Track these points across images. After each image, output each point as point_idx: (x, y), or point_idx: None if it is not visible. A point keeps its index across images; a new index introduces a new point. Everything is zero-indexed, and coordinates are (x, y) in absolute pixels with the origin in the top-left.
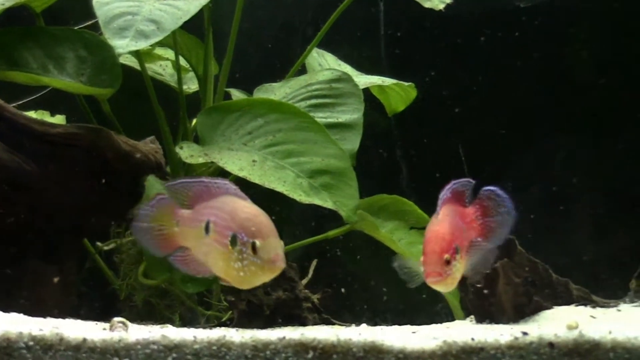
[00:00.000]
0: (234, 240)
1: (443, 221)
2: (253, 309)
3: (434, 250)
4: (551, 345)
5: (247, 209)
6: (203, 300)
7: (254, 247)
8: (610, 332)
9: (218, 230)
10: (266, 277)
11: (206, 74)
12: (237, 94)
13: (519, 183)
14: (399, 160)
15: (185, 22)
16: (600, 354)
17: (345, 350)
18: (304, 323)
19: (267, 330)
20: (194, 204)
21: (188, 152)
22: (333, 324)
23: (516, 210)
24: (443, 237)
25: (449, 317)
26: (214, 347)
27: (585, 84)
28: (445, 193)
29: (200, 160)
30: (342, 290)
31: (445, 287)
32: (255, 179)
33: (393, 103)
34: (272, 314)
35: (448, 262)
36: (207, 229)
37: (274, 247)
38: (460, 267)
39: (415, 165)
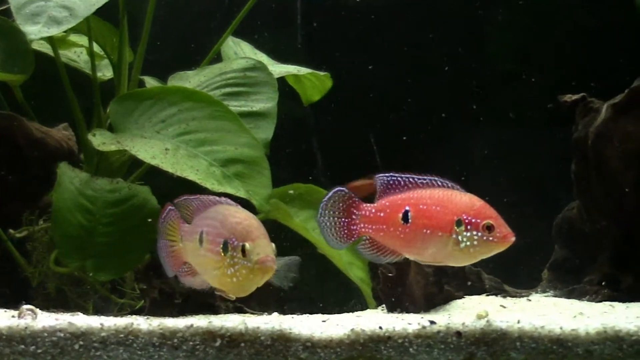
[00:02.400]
0: (225, 247)
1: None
2: (165, 297)
3: (496, 213)
4: (458, 334)
5: (237, 214)
6: (117, 289)
7: (243, 250)
8: (518, 322)
9: (210, 239)
10: (258, 279)
11: (120, 61)
12: (151, 82)
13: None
14: (314, 149)
15: (100, 9)
16: (507, 343)
17: (253, 338)
18: (216, 311)
19: (175, 319)
20: (193, 219)
21: (100, 140)
22: (245, 312)
23: None
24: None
25: (365, 306)
26: (122, 335)
27: (502, 75)
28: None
29: (113, 147)
30: None
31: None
32: (167, 167)
33: (309, 92)
34: (184, 302)
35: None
36: (201, 241)
37: (263, 249)
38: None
39: (331, 154)
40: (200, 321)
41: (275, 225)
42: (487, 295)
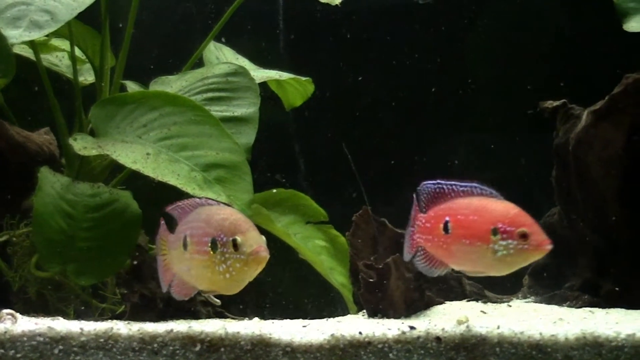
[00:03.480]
0: (214, 245)
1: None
2: (146, 301)
3: (533, 220)
4: (438, 339)
5: (221, 211)
6: (98, 293)
7: (235, 244)
8: (498, 327)
9: (195, 240)
10: (252, 271)
11: (102, 65)
12: (132, 86)
13: (414, 178)
14: (296, 154)
15: (82, 13)
16: (486, 348)
17: (233, 343)
18: (197, 316)
19: (155, 323)
20: (177, 227)
21: (81, 144)
22: (226, 317)
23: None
24: None
25: (346, 311)
26: (101, 340)
27: (481, 80)
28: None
29: (94, 152)
30: None
31: None
32: (148, 171)
33: (291, 98)
34: (165, 307)
35: None
36: (185, 246)
37: (255, 240)
38: None
39: (313, 160)
40: (180, 326)
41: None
42: (468, 300)
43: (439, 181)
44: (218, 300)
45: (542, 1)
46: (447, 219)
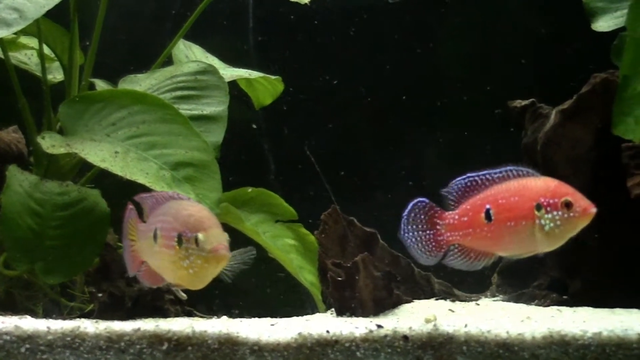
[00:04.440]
0: (180, 240)
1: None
2: (114, 300)
3: (573, 189)
4: (405, 338)
5: (189, 207)
6: (67, 292)
7: (197, 241)
8: (465, 326)
9: (164, 234)
10: (213, 269)
11: (71, 63)
12: (101, 85)
13: (384, 178)
14: (266, 153)
15: (51, 11)
16: (453, 347)
17: (200, 342)
18: (166, 315)
19: (122, 322)
20: (148, 217)
21: (50, 142)
22: (195, 316)
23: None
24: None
25: (316, 310)
26: (68, 338)
27: (451, 79)
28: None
29: (62, 150)
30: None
31: None
32: (117, 170)
33: (260, 96)
34: (134, 305)
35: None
36: (156, 238)
37: (217, 238)
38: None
39: (282, 158)
40: (147, 324)
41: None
42: (437, 299)
43: (468, 174)
44: (184, 295)
45: (513, 0)
46: (487, 206)
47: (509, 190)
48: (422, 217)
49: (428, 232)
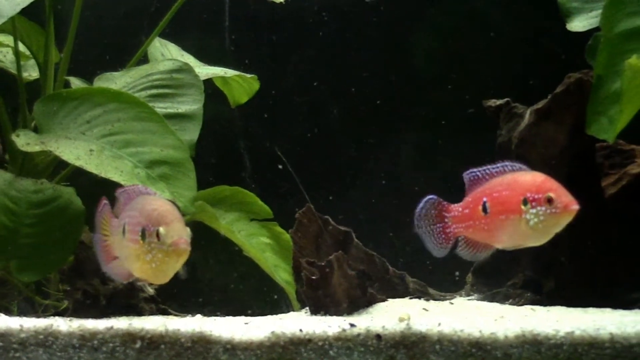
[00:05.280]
0: (143, 234)
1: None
2: (89, 298)
3: (558, 185)
4: (378, 337)
5: (154, 202)
6: (42, 290)
7: (158, 234)
8: (439, 325)
9: (130, 228)
10: (173, 262)
11: (47, 61)
12: (76, 82)
13: (359, 177)
14: (242, 152)
15: (26, 9)
16: (426, 346)
17: (173, 340)
18: (140, 313)
19: (96, 320)
20: (121, 212)
21: (24, 140)
22: (169, 314)
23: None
24: None
25: (292, 309)
26: (41, 336)
27: (425, 79)
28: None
29: (37, 148)
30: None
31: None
32: (92, 168)
33: (236, 95)
34: (108, 303)
35: None
36: (124, 232)
37: (177, 232)
38: None
39: (258, 157)
40: (120, 322)
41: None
42: (411, 298)
43: (471, 170)
44: (151, 290)
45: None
46: (484, 199)
47: (502, 184)
48: (433, 212)
49: (438, 225)
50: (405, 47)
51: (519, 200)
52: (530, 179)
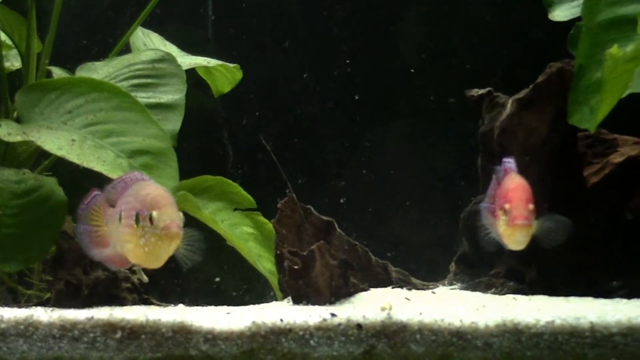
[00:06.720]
0: (137, 219)
1: (521, 177)
2: (71, 288)
3: (520, 197)
4: (359, 326)
5: (148, 187)
6: (25, 280)
7: (151, 218)
8: (420, 314)
9: (126, 214)
10: (166, 246)
11: (29, 51)
12: (58, 72)
13: (347, 168)
14: (225, 141)
15: None
16: (407, 335)
17: (154, 330)
18: (122, 303)
19: (76, 310)
20: (117, 201)
21: (6, 130)
22: (151, 304)
23: None
24: (526, 188)
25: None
26: (21, 327)
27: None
28: (511, 164)
29: (19, 138)
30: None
31: (525, 239)
32: (73, 158)
33: (219, 84)
34: (90, 293)
35: (531, 212)
36: (121, 219)
37: (169, 215)
38: (534, 226)
39: (241, 147)
40: (101, 312)
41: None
42: (393, 287)
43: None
44: (145, 277)
45: None
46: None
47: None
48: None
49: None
50: (389, 37)
51: (500, 206)
52: (506, 185)
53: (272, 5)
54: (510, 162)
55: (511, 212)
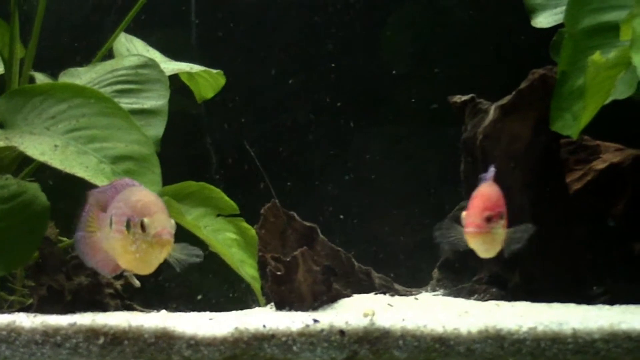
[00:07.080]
0: (128, 225)
1: (492, 186)
2: (54, 294)
3: (478, 205)
4: (342, 332)
5: (138, 193)
6: (7, 286)
7: (142, 225)
8: (402, 320)
9: (116, 220)
10: (157, 253)
11: (11, 56)
12: (41, 78)
13: (331, 174)
14: (208, 147)
15: None
16: (390, 341)
17: (136, 336)
18: (105, 309)
19: (59, 316)
20: (108, 206)
21: None
22: (134, 310)
23: None
24: (489, 197)
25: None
26: (4, 332)
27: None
28: (490, 173)
29: (1, 144)
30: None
31: (485, 247)
32: (56, 163)
33: (202, 90)
34: (73, 299)
35: (489, 220)
36: (111, 225)
37: (161, 222)
38: (502, 234)
39: (224, 153)
40: (83, 318)
41: None
42: (376, 293)
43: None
44: (137, 282)
45: None
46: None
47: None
48: None
49: None
50: (374, 43)
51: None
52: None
53: (256, 11)
54: (489, 171)
55: (465, 220)
